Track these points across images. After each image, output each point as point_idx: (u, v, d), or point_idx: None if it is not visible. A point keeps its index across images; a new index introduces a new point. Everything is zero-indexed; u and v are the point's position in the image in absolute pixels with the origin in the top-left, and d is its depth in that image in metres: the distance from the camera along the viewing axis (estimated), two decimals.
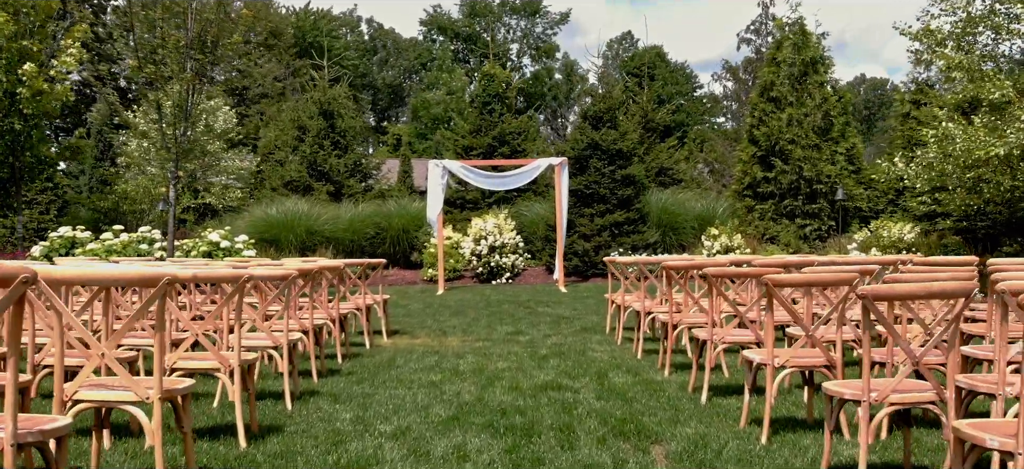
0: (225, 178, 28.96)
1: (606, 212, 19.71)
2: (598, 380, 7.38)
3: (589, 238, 19.47)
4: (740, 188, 21.83)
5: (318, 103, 24.18)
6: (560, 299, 15.52)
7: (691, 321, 7.73)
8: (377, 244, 21.21)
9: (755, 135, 21.50)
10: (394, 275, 20.30)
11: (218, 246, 18.94)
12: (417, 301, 15.52)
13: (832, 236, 20.91)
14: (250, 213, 21.42)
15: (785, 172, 20.91)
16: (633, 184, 20.08)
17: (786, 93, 21.50)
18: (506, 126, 24.35)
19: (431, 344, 10.15)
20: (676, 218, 20.67)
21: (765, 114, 21.50)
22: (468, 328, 11.60)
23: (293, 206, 20.67)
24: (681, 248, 20.55)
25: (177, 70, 14.14)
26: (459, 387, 7.13)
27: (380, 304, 10.87)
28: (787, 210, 21.04)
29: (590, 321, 12.24)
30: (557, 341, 10.15)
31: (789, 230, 20.80)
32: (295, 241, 19.96)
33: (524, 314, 13.28)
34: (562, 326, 11.72)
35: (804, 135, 21.03)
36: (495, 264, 19.13)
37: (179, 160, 14.30)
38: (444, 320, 12.58)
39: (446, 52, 70.78)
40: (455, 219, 22.85)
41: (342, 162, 23.82)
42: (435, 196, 17.90)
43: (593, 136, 19.88)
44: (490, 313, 13.43)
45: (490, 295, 16.42)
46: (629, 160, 20.28)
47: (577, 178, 19.68)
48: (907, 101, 25.37)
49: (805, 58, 21.61)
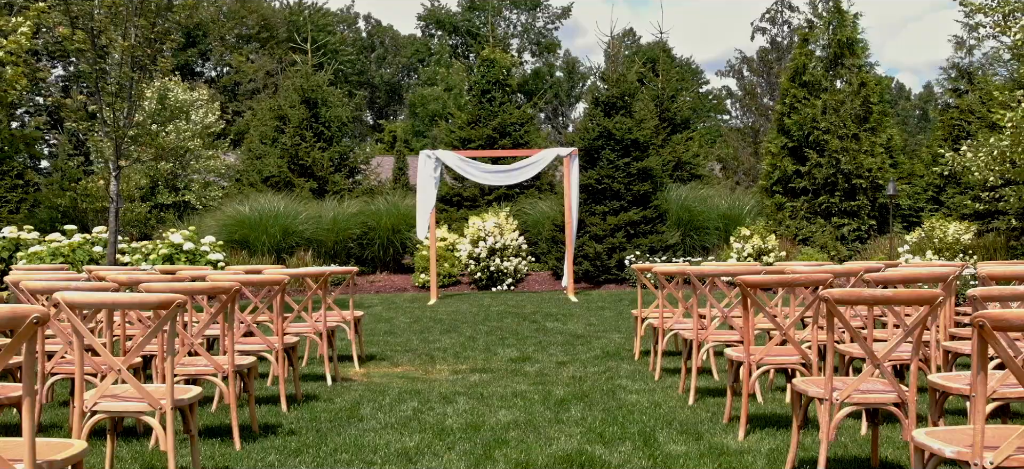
0: (205, 175, 26.87)
1: (620, 210, 17.46)
2: (645, 449, 5.13)
3: (601, 239, 17.22)
4: (768, 183, 19.57)
5: (300, 90, 21.91)
6: (570, 310, 13.28)
7: (780, 361, 5.48)
8: (365, 246, 18.98)
9: (786, 124, 19.24)
10: (382, 281, 18.07)
11: (180, 248, 16.69)
12: (405, 313, 13.27)
13: (872, 237, 18.67)
14: (221, 212, 19.16)
15: (820, 165, 18.65)
16: (650, 178, 17.83)
17: (820, 77, 19.24)
18: (508, 116, 22.08)
19: (413, 377, 7.91)
20: (698, 217, 18.40)
21: (797, 101, 19.24)
22: (462, 351, 9.35)
23: (268, 203, 18.40)
24: (704, 251, 18.29)
25: (115, 38, 11.87)
26: (443, 460, 4.90)
27: (351, 323, 8.62)
28: (822, 208, 18.79)
29: (611, 342, 9.99)
30: (575, 373, 7.90)
31: (825, 231, 18.55)
32: (269, 243, 17.72)
33: (530, 331, 11.03)
34: (578, 349, 9.47)
35: (841, 124, 18.78)
36: (495, 269, 16.90)
37: (121, 147, 12.04)
38: (433, 339, 10.33)
39: (444, 47, 68.65)
40: (451, 218, 20.61)
41: (326, 155, 21.54)
42: (427, 192, 15.67)
43: (605, 124, 17.62)
44: (489, 329, 11.18)
45: (490, 305, 14.18)
46: (645, 151, 18.02)
47: (587, 172, 17.43)
48: (948, 90, 23.12)
49: (841, 38, 19.36)
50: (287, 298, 7.75)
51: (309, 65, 22.59)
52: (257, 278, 6.68)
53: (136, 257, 16.89)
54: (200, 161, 26.42)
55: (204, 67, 60.20)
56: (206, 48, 57.16)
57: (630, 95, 18.14)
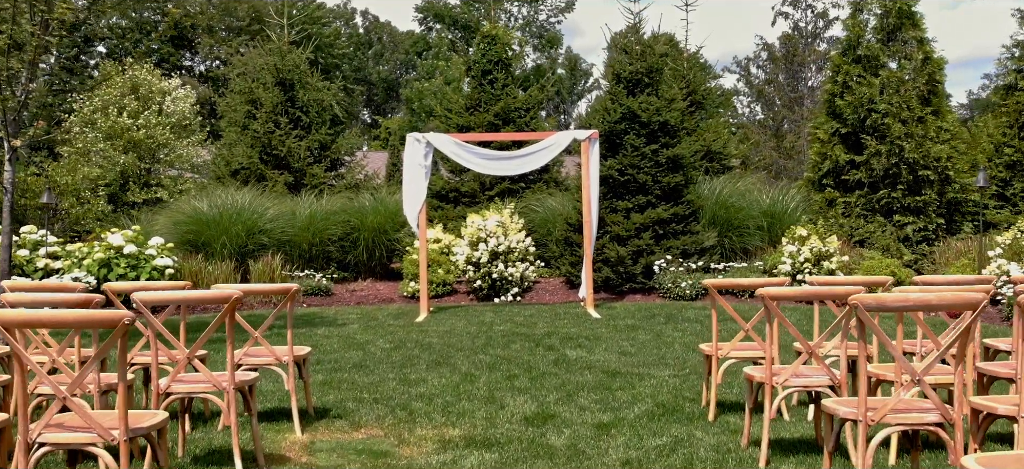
0: (179, 170, 24.28)
1: (647, 206, 14.67)
2: None
3: (624, 241, 14.44)
4: (816, 176, 16.77)
5: (274, 70, 19.10)
6: (594, 331, 10.49)
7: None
8: (347, 248, 16.20)
9: (837, 106, 16.42)
10: (365, 290, 15.29)
11: (120, 252, 13.92)
12: (386, 334, 10.48)
13: (941, 238, 15.88)
14: (174, 208, 16.35)
15: (879, 154, 15.86)
16: (681, 169, 15.04)
17: (877, 51, 16.44)
18: (511, 100, 19.27)
19: (379, 450, 5.17)
20: (737, 215, 15.59)
21: (850, 79, 16.44)
22: (454, 401, 6.58)
23: (230, 199, 15.57)
24: (745, 255, 15.50)
25: None
26: None
27: (292, 366, 5.86)
28: (882, 204, 15.99)
29: (662, 384, 7.21)
30: (628, 452, 5.13)
31: (886, 231, 15.76)
32: (230, 245, 14.92)
33: (547, 363, 8.26)
34: (619, 397, 6.70)
35: (903, 105, 15.98)
36: (498, 276, 14.13)
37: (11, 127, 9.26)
38: (416, 379, 7.54)
39: (442, 40, 66.05)
40: (447, 216, 17.82)
41: (304, 145, 18.72)
42: (416, 183, 12.89)
43: (629, 104, 14.80)
44: (493, 361, 8.40)
45: (492, 322, 11.40)
46: (675, 137, 15.22)
47: (608, 161, 14.64)
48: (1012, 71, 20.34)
49: (900, 6, 16.57)
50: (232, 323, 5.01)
51: (285, 42, 19.77)
52: (57, 317, 3.92)
53: (69, 262, 14.13)
54: (173, 154, 23.92)
55: (193, 61, 57.92)
56: (193, 39, 54.63)
57: (657, 70, 15.34)
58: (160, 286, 6.68)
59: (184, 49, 56.59)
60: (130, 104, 23.39)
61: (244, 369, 5.73)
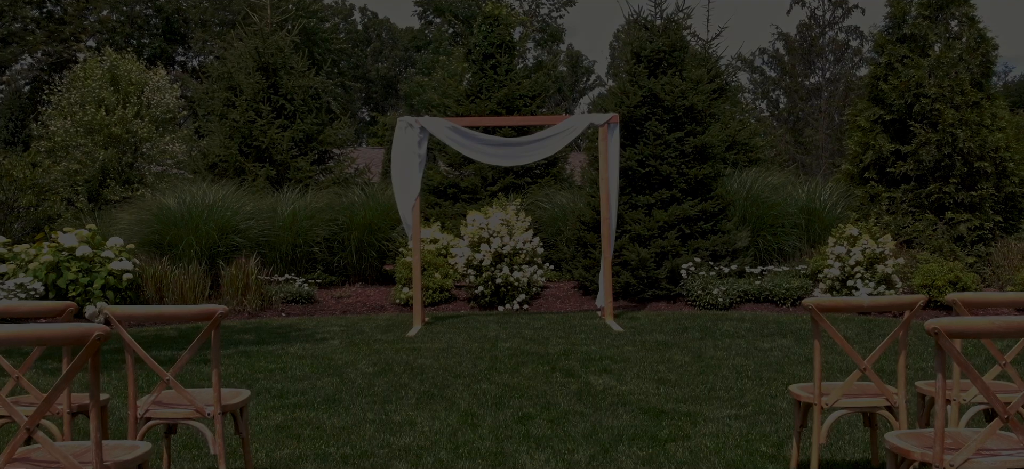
0: (161, 165, 22.65)
1: (672, 201, 12.93)
2: None
3: (646, 241, 12.70)
4: (857, 168, 15.02)
5: (256, 54, 17.37)
6: (620, 350, 8.75)
7: None
8: (335, 249, 14.48)
9: (881, 90, 14.67)
10: (353, 296, 13.57)
11: (73, 253, 12.19)
12: (369, 354, 8.75)
13: (998, 238, 14.16)
14: (138, 205, 14.60)
15: (928, 144, 14.11)
16: (709, 159, 13.30)
17: (926, 30, 14.69)
18: (516, 86, 17.54)
19: None
20: (771, 212, 13.85)
21: (896, 60, 14.69)
22: (449, 464, 4.84)
23: (201, 194, 13.82)
24: (781, 256, 13.77)
25: None
26: None
27: (217, 417, 4.15)
28: (932, 200, 14.25)
29: (722, 424, 5.48)
30: None
31: (937, 229, 14.03)
32: (200, 246, 13.17)
33: (568, 397, 6.53)
34: (670, 449, 4.97)
35: (956, 89, 14.25)
36: (503, 281, 12.40)
37: None
38: (401, 422, 5.81)
39: (442, 34, 64.41)
40: (445, 214, 16.09)
41: (287, 135, 16.97)
42: (407, 174, 11.17)
43: (651, 86, 13.06)
44: (500, 393, 6.67)
45: (497, 337, 9.67)
46: (702, 123, 13.48)
47: (627, 151, 12.89)
48: None
49: None
50: None
51: (267, 23, 18.02)
52: None
53: (13, 266, 12.40)
54: (155, 149, 22.32)
55: (186, 56, 56.36)
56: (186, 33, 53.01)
57: (681, 48, 13.60)
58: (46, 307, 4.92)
59: (177, 44, 55.07)
60: (109, 97, 21.78)
61: (153, 422, 4.03)
